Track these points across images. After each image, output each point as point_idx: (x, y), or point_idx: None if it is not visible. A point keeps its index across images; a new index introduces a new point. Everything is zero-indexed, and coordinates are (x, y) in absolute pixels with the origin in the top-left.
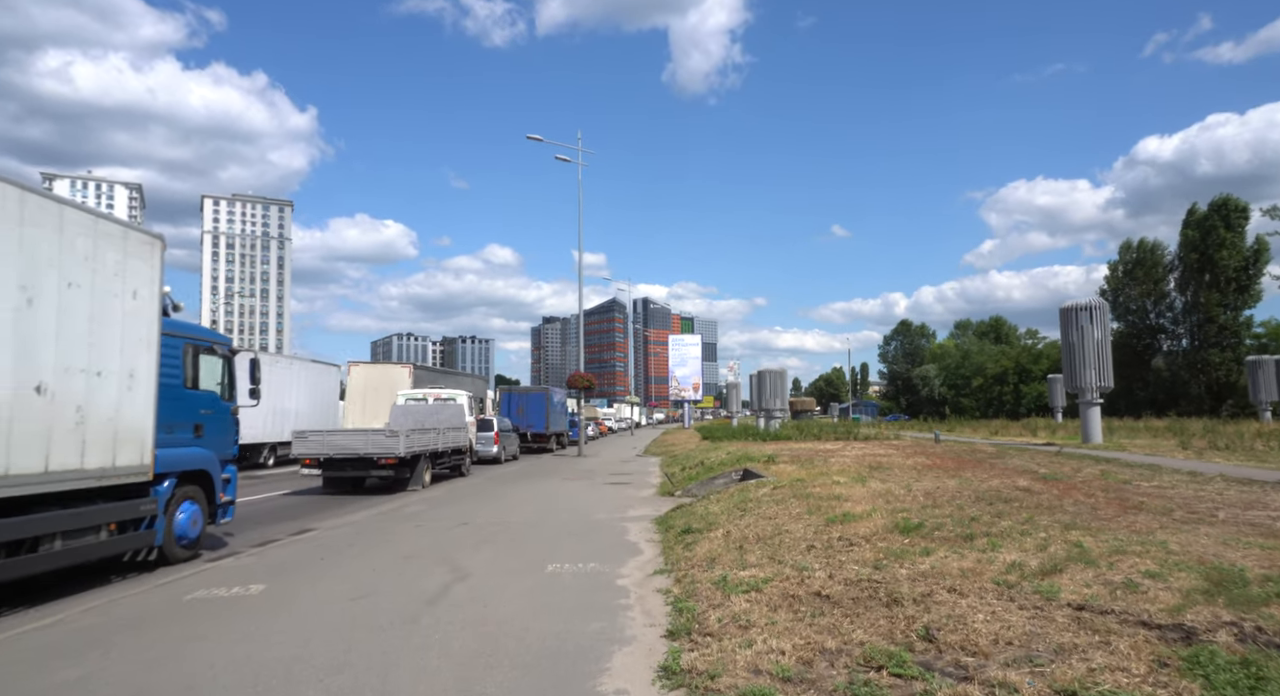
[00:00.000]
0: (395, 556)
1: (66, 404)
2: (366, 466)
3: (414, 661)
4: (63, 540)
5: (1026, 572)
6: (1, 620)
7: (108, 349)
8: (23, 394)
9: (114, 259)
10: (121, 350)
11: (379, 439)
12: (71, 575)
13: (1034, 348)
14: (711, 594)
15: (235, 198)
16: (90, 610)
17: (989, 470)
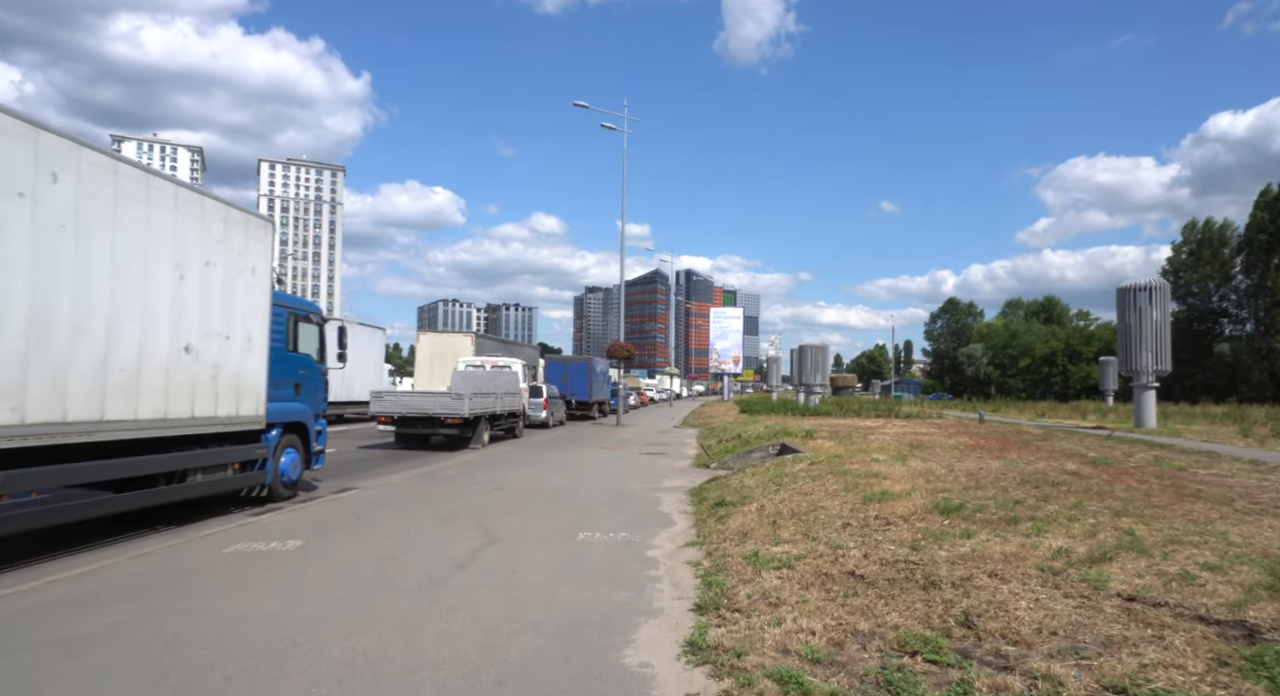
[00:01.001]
0: (429, 518)
1: (206, 362)
2: (434, 425)
3: (440, 624)
4: (203, 474)
5: (1073, 559)
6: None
7: (234, 316)
8: (176, 352)
9: (239, 240)
10: (244, 317)
11: (446, 401)
12: (119, 525)
13: (1085, 329)
14: (742, 569)
15: (290, 162)
16: (137, 558)
17: (1035, 452)
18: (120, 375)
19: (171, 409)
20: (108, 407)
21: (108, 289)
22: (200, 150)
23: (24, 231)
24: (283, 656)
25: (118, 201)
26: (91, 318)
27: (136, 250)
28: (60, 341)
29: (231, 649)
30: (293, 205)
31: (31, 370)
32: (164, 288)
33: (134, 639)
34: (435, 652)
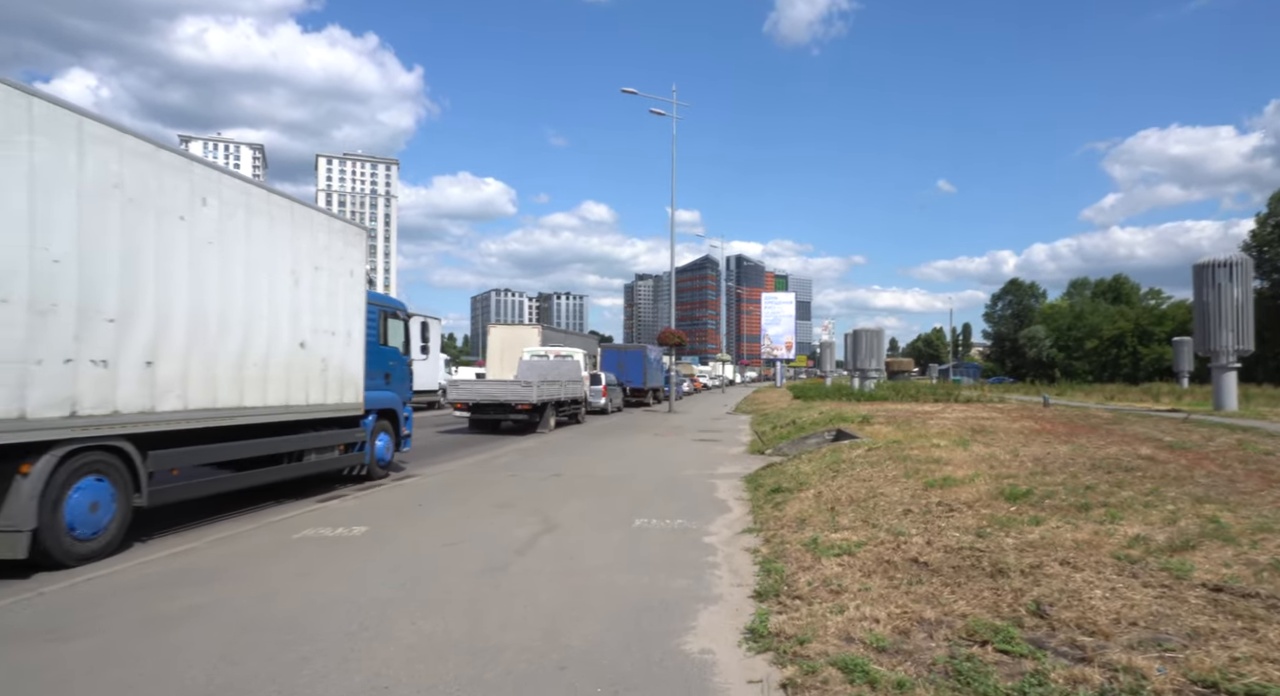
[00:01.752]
0: (488, 505)
1: (316, 355)
2: (505, 411)
3: (502, 609)
4: (316, 454)
5: (1152, 547)
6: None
7: (337, 315)
8: (294, 348)
9: (339, 247)
10: (345, 315)
11: (517, 388)
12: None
13: (1157, 308)
14: (801, 555)
15: (346, 156)
16: (216, 542)
17: (1106, 436)
18: (253, 368)
19: (291, 397)
20: (245, 395)
21: (243, 293)
22: (261, 148)
23: (184, 247)
24: (352, 638)
25: (249, 219)
26: (231, 318)
27: (263, 260)
28: (210, 339)
29: (305, 630)
30: (349, 199)
31: (191, 364)
32: (284, 291)
33: (215, 619)
34: (498, 637)
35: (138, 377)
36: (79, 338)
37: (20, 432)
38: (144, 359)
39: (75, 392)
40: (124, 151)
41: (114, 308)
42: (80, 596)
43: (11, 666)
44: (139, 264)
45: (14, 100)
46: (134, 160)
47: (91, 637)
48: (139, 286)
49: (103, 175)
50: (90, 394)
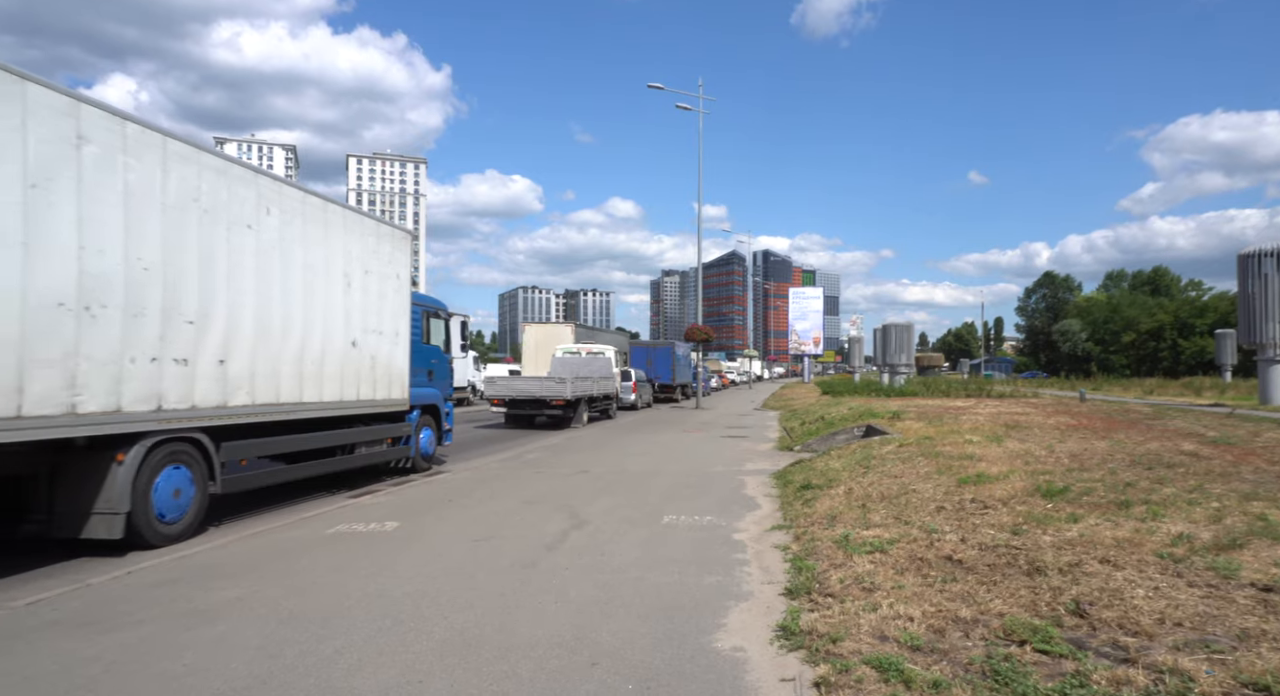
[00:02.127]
0: (517, 501)
1: (366, 354)
2: (541, 406)
3: (533, 604)
4: (366, 447)
5: (1197, 546)
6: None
7: (385, 315)
8: (346, 347)
9: (387, 251)
10: (392, 316)
11: (551, 385)
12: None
13: (1198, 300)
14: (832, 553)
15: (376, 156)
16: (250, 537)
17: (1146, 432)
18: (311, 365)
19: (344, 393)
20: (304, 391)
21: (301, 296)
22: (294, 148)
23: (251, 254)
24: (385, 633)
25: (306, 226)
26: (292, 319)
27: (319, 264)
28: (274, 339)
29: (339, 624)
30: (379, 198)
31: (258, 362)
32: (337, 293)
33: (252, 613)
34: (529, 632)
35: (212, 375)
36: (163, 338)
37: (117, 424)
38: (217, 357)
39: (161, 388)
40: (201, 167)
41: (193, 310)
42: (124, 588)
43: (61, 656)
44: (213, 270)
45: (110, 125)
46: (209, 175)
47: (136, 629)
48: (213, 290)
49: (183, 190)
50: (173, 390)
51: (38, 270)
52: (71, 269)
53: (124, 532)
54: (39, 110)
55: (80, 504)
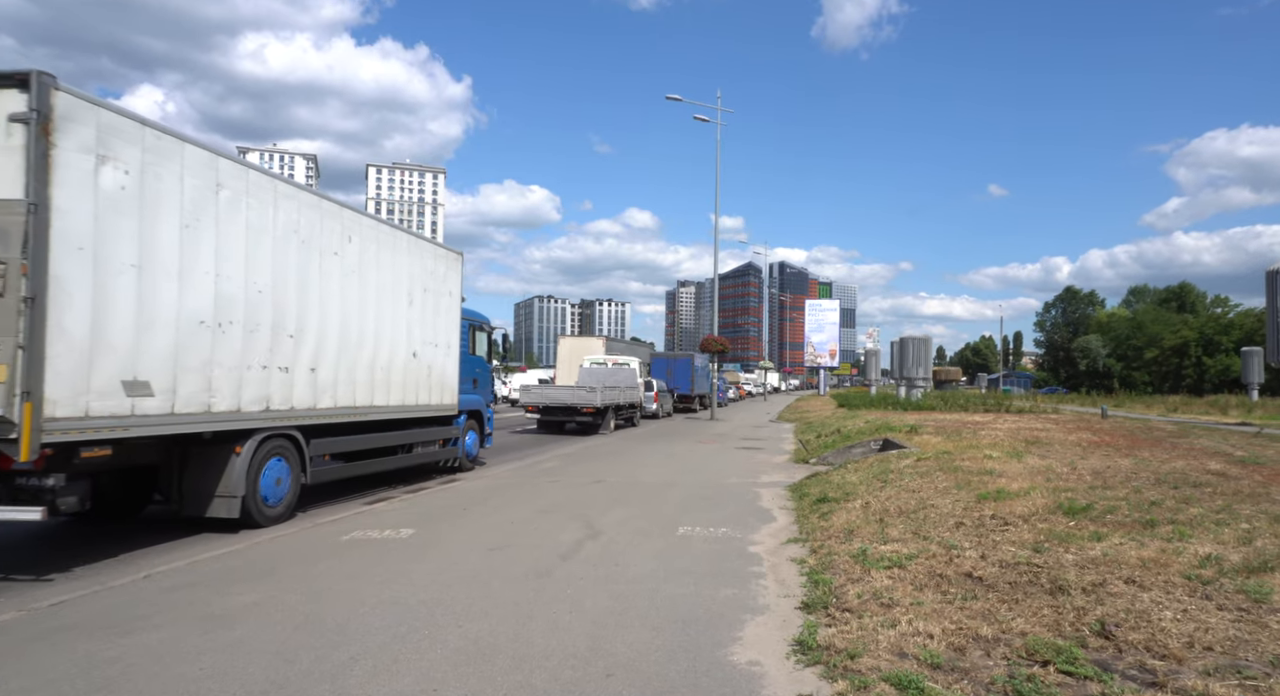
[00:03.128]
0: (532, 510)
1: (423, 363)
2: (572, 413)
3: (547, 614)
4: (422, 447)
5: (1226, 568)
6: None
7: (439, 328)
8: (408, 357)
9: (442, 270)
10: (445, 329)
11: (582, 393)
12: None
13: (1223, 316)
14: (850, 567)
15: (395, 165)
16: (266, 543)
17: (1170, 450)
18: (380, 373)
19: (405, 398)
20: (374, 396)
21: (373, 312)
22: (314, 158)
23: (336, 276)
24: (401, 641)
25: (378, 251)
26: (365, 333)
27: (387, 284)
28: (352, 350)
29: (354, 631)
30: (397, 207)
31: (340, 370)
32: (401, 309)
33: (269, 618)
34: (544, 642)
35: (306, 381)
36: (271, 350)
37: (237, 421)
38: (310, 366)
39: (269, 392)
40: (300, 204)
41: (293, 326)
42: (143, 591)
43: (80, 658)
44: (307, 290)
45: (238, 173)
46: (306, 210)
47: (155, 632)
48: (307, 308)
49: (288, 224)
50: (277, 393)
51: (187, 294)
52: (209, 293)
53: (239, 513)
54: (192, 165)
55: (206, 488)
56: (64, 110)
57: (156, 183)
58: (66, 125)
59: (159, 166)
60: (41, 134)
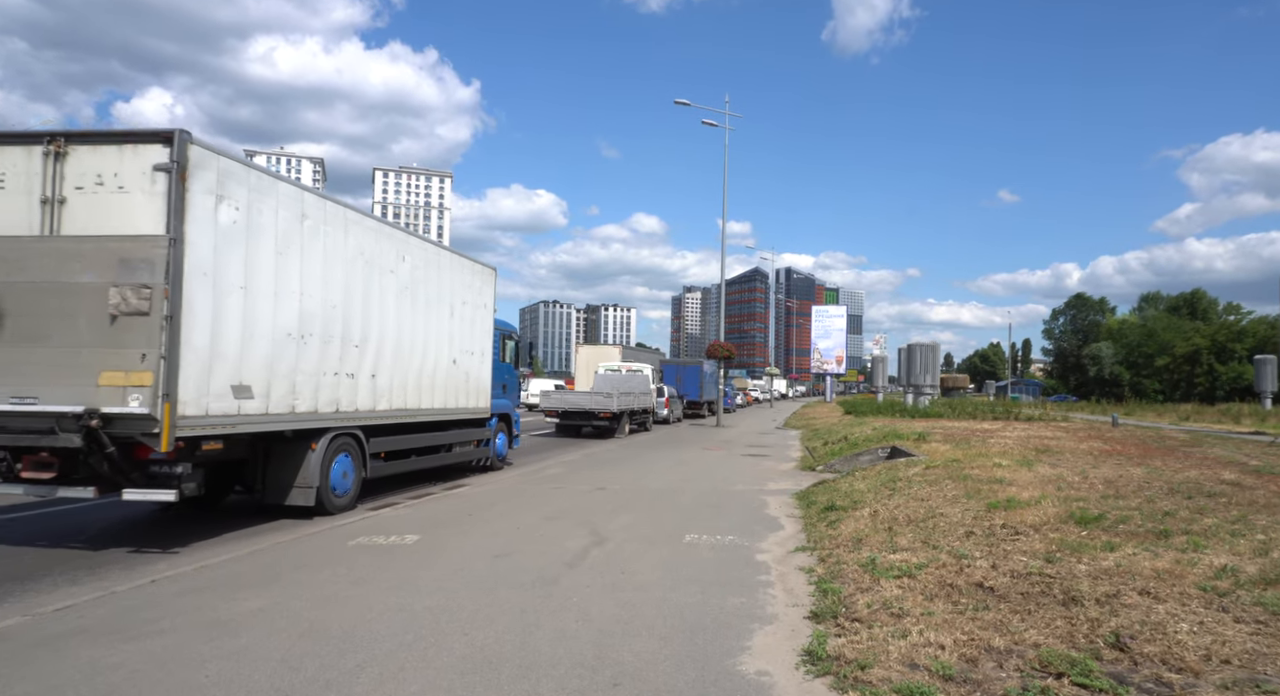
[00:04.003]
0: (537, 517)
1: (461, 370)
2: (590, 418)
3: (553, 622)
4: (459, 447)
5: (1242, 580)
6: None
7: (475, 338)
8: (448, 365)
9: (478, 285)
10: (480, 338)
11: (599, 399)
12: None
13: (1236, 324)
14: (859, 576)
15: (402, 169)
16: (272, 548)
17: (1183, 459)
18: (426, 378)
19: (446, 401)
20: (421, 400)
21: (421, 324)
22: (321, 161)
23: (392, 293)
24: (406, 648)
25: (426, 269)
26: (415, 342)
27: (433, 298)
28: (404, 358)
29: (360, 638)
30: (404, 211)
31: (394, 376)
32: (444, 321)
33: (275, 624)
34: (550, 651)
35: (367, 386)
36: (341, 358)
37: (314, 421)
38: (371, 373)
39: (339, 395)
40: (365, 230)
41: (358, 337)
42: (149, 596)
43: (84, 664)
44: (369, 305)
45: (319, 203)
46: (370, 235)
47: (160, 638)
48: (369, 321)
49: (355, 247)
50: (345, 396)
51: (279, 311)
52: (295, 309)
53: (315, 502)
54: (284, 199)
55: (286, 479)
56: (195, 160)
57: (258, 216)
58: (196, 172)
59: (260, 202)
60: (179, 180)
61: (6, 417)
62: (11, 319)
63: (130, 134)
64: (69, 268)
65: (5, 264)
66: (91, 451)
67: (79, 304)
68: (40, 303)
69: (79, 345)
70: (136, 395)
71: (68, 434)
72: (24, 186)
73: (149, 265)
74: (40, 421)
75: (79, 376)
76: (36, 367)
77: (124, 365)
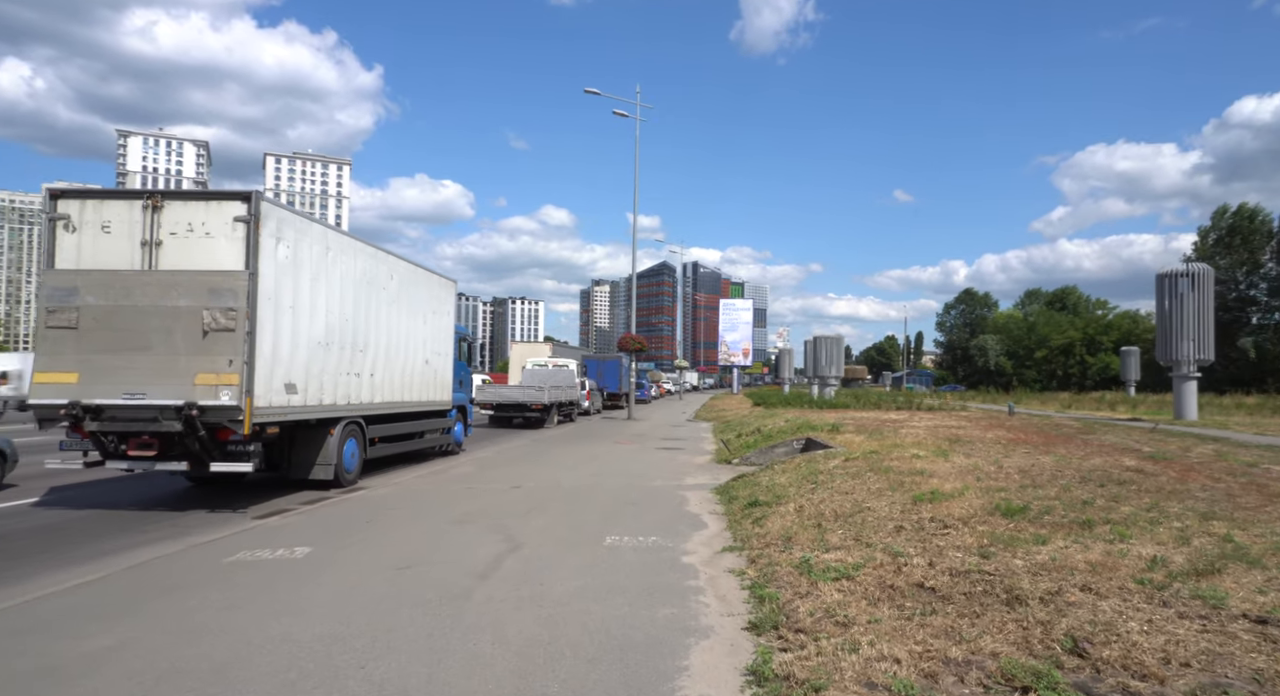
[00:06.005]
0: (445, 521)
1: (431, 369)
2: (522, 410)
3: (465, 647)
4: (429, 434)
5: (1174, 571)
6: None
7: (440, 341)
8: (423, 364)
9: (442, 295)
10: (444, 341)
11: (531, 392)
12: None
13: (1103, 318)
14: (795, 579)
15: (296, 155)
16: (133, 569)
17: (1084, 447)
18: (407, 376)
19: (420, 396)
20: (404, 394)
21: (404, 331)
22: (206, 145)
23: (384, 305)
24: (290, 689)
25: (406, 284)
26: (398, 346)
27: (413, 309)
28: (393, 359)
29: (233, 679)
30: (298, 199)
31: (385, 375)
32: (419, 328)
33: (127, 666)
34: (464, 684)
35: (368, 383)
36: (351, 361)
37: (333, 412)
38: (370, 372)
39: (349, 391)
40: (366, 255)
41: (362, 343)
42: None
43: None
44: (368, 317)
45: (337, 238)
46: (369, 259)
47: None
48: (369, 330)
49: (360, 270)
50: (353, 392)
51: (313, 325)
52: (323, 323)
53: (333, 476)
54: (315, 237)
55: (309, 458)
56: (264, 212)
57: (301, 252)
58: (264, 221)
59: (301, 240)
60: (254, 229)
61: (119, 409)
62: (121, 334)
63: (216, 193)
64: (168, 295)
65: (113, 291)
66: (188, 434)
67: (176, 322)
68: (143, 321)
69: (176, 353)
70: (227, 391)
71: (169, 421)
72: (126, 232)
73: (233, 293)
74: (146, 412)
75: (177, 377)
76: (142, 371)
77: (215, 368)
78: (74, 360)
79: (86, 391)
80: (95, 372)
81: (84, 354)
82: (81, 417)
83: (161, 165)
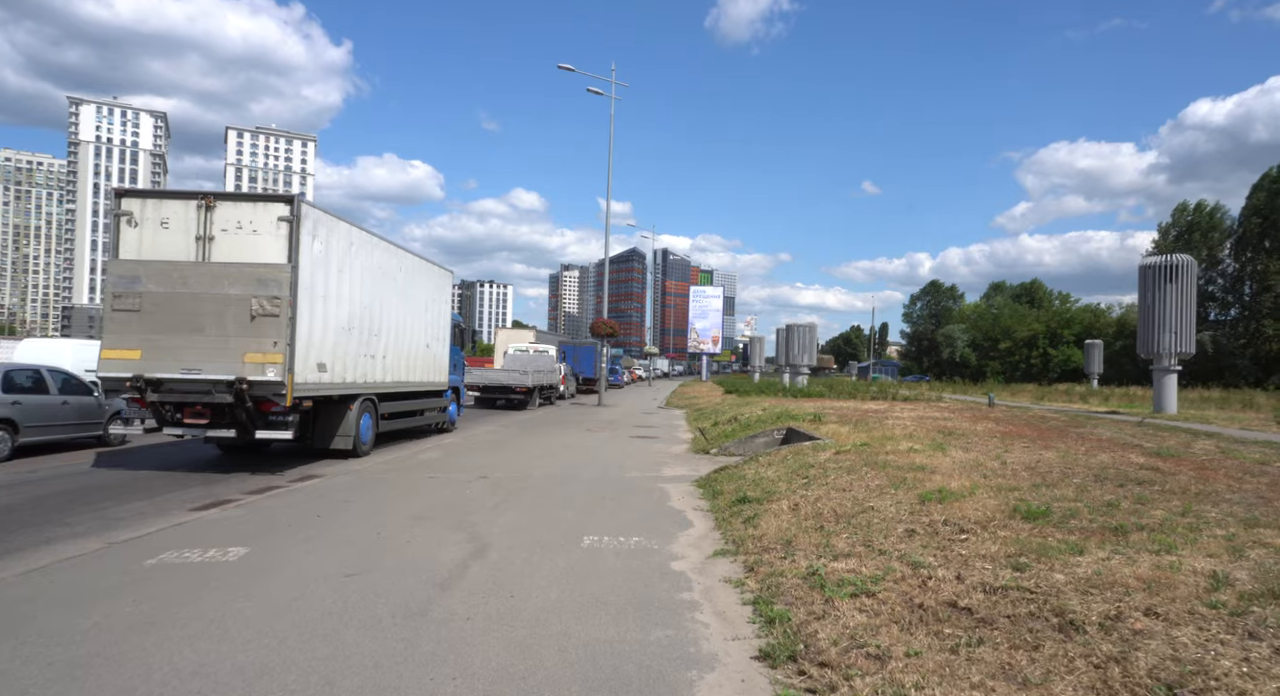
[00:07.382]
0: (403, 517)
1: (431, 353)
2: (507, 392)
3: (422, 682)
4: (428, 412)
5: (1243, 592)
6: None
7: (438, 327)
8: (424, 348)
9: (441, 283)
10: (441, 327)
11: (516, 375)
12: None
13: (1066, 312)
14: (805, 594)
15: (259, 130)
16: (29, 574)
17: (1082, 441)
18: (410, 359)
19: (421, 376)
20: (408, 375)
21: (409, 318)
22: (164, 116)
23: (394, 294)
24: None
25: (412, 274)
26: (404, 331)
27: (417, 297)
28: (400, 344)
29: None
30: (260, 175)
31: (394, 357)
32: (421, 315)
33: None
34: None
35: (380, 365)
36: (367, 344)
37: (352, 389)
38: (382, 355)
39: (365, 371)
40: (381, 249)
41: (377, 328)
42: None
43: None
44: (381, 305)
45: (358, 234)
46: (382, 253)
47: None
48: (382, 316)
49: (375, 263)
50: (369, 372)
51: (339, 312)
52: (346, 310)
53: (352, 447)
54: (341, 233)
55: (331, 430)
56: (303, 212)
57: (331, 247)
58: (303, 221)
59: (331, 237)
60: (295, 227)
61: (177, 382)
62: (178, 317)
63: (263, 196)
64: (220, 284)
65: (171, 279)
66: (238, 405)
67: (227, 308)
68: (198, 306)
69: (227, 335)
70: (272, 369)
71: (221, 393)
72: (183, 227)
73: (277, 283)
74: (201, 386)
75: (229, 356)
76: (197, 350)
77: (262, 349)
78: (137, 339)
79: (148, 367)
80: (156, 350)
81: (146, 334)
82: (144, 389)
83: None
